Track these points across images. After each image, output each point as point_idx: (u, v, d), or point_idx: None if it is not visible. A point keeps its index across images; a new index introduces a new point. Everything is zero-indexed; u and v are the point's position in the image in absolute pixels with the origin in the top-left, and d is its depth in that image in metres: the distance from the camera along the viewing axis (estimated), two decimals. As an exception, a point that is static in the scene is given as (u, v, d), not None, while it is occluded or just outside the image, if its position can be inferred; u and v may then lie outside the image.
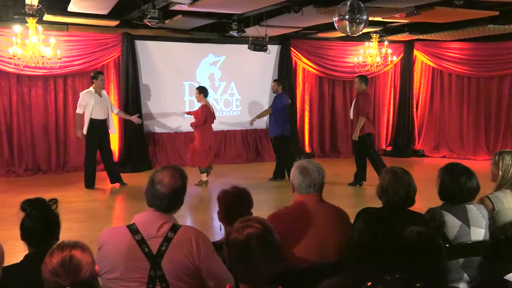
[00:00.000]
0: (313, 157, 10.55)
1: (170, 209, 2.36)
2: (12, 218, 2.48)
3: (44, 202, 2.39)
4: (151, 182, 2.35)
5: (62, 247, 1.71)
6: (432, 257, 2.08)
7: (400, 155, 11.31)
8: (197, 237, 2.28)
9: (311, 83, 11.14)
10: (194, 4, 6.70)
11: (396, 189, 2.87)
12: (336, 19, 5.87)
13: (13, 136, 8.92)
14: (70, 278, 1.64)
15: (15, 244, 2.41)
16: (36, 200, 2.39)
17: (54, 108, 9.11)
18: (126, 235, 2.24)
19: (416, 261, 2.07)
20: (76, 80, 9.24)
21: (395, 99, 11.82)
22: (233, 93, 10.60)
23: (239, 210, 2.67)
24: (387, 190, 2.89)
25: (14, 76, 8.71)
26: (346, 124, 11.44)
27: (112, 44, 9.31)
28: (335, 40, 10.82)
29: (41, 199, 2.41)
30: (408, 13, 7.31)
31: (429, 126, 11.70)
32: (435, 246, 2.12)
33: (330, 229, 2.53)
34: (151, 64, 9.77)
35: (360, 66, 10.58)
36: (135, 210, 2.48)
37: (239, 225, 1.86)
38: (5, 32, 8.28)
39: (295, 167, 2.75)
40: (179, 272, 2.22)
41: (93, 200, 7.41)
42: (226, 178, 8.75)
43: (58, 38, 8.45)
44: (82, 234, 5.12)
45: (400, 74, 11.75)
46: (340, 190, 7.70)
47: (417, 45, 11.41)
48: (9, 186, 8.07)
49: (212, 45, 10.24)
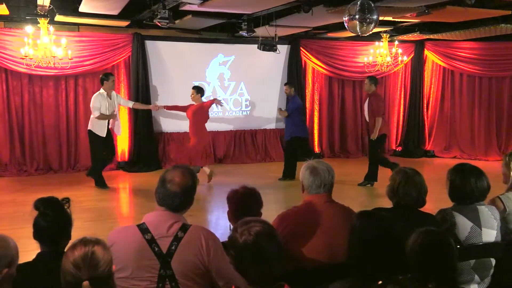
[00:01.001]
0: (322, 157, 10.52)
1: (180, 209, 2.37)
2: (24, 216, 2.51)
3: (57, 201, 2.42)
4: (162, 181, 2.36)
5: (85, 242, 1.76)
6: (443, 257, 2.07)
7: (410, 156, 11.24)
8: (207, 237, 2.29)
9: (321, 83, 11.12)
10: (204, 4, 6.72)
11: (408, 190, 2.85)
12: (346, 18, 5.85)
13: (24, 135, 9.01)
14: (89, 272, 1.69)
15: (27, 242, 2.43)
16: (49, 199, 2.41)
17: (65, 108, 9.18)
18: (136, 234, 2.26)
19: (427, 261, 2.05)
20: (87, 80, 9.31)
21: (405, 99, 11.76)
22: (243, 93, 10.60)
23: (249, 209, 2.68)
24: (398, 190, 2.87)
25: (26, 76, 8.79)
26: (356, 124, 11.42)
27: (123, 44, 9.36)
28: (345, 40, 10.78)
29: (54, 198, 2.43)
30: (419, 13, 7.27)
31: (439, 126, 11.61)
32: (446, 246, 2.11)
33: (339, 229, 2.52)
34: (161, 64, 9.81)
35: (370, 66, 10.54)
36: (145, 210, 2.50)
37: (242, 227, 1.86)
38: (17, 32, 8.37)
39: (305, 167, 2.75)
40: (188, 272, 2.23)
41: (103, 199, 7.45)
42: (235, 178, 8.76)
43: (69, 38, 8.52)
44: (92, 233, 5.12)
45: (410, 74, 11.68)
46: (350, 190, 7.68)
47: (428, 44, 11.33)
48: (21, 185, 8.14)
49: (221, 45, 10.26)
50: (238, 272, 1.87)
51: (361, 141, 11.52)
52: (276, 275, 1.84)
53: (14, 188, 7.91)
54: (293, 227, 2.61)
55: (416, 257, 2.07)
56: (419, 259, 2.06)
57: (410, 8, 7.06)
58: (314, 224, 2.60)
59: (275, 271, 1.83)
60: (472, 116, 11.28)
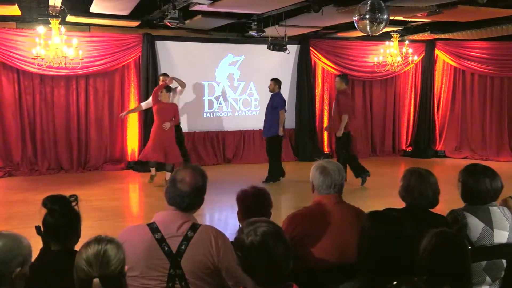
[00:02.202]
0: (331, 158, 10.49)
1: (190, 208, 2.38)
2: (35, 215, 2.53)
3: (64, 197, 2.44)
4: (173, 181, 2.37)
5: (99, 240, 1.79)
6: (456, 259, 2.05)
7: (420, 156, 11.17)
8: (217, 237, 2.30)
9: (330, 83, 11.08)
10: (214, 4, 6.73)
11: (423, 191, 2.82)
12: (357, 18, 5.82)
13: (36, 135, 9.09)
14: (100, 269, 1.72)
15: (38, 241, 2.45)
16: (56, 196, 2.44)
17: (76, 108, 9.25)
18: (147, 233, 2.27)
19: (440, 263, 2.04)
20: (98, 80, 9.37)
21: (416, 99, 11.69)
22: (252, 93, 10.60)
23: (259, 210, 2.67)
24: (413, 191, 2.85)
25: (37, 76, 8.87)
26: (365, 124, 11.38)
27: (133, 45, 9.41)
28: (354, 39, 10.74)
29: (61, 195, 2.46)
30: (430, 12, 7.21)
31: (450, 126, 11.52)
32: (460, 248, 2.08)
33: (349, 230, 2.52)
34: (170, 64, 9.84)
35: (380, 66, 10.49)
36: (155, 209, 2.51)
37: (249, 228, 1.85)
38: (29, 33, 8.45)
39: (315, 167, 2.74)
40: (198, 271, 2.24)
41: (114, 198, 7.50)
42: (244, 177, 8.76)
43: (80, 38, 8.58)
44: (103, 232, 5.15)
45: (421, 74, 11.61)
46: (360, 191, 7.64)
47: (439, 44, 11.25)
48: (32, 184, 8.22)
49: (231, 45, 10.27)
50: (246, 272, 1.87)
51: (370, 140, 11.48)
52: (284, 275, 1.84)
53: (26, 187, 7.98)
54: (303, 227, 2.61)
55: (429, 258, 2.05)
56: (432, 260, 2.04)
57: (421, 7, 7.01)
58: (324, 224, 2.59)
59: (283, 271, 1.83)
60: (484, 116, 11.18)
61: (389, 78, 11.41)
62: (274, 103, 8.39)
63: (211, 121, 10.24)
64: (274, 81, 8.53)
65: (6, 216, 6.51)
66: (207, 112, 10.27)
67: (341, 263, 2.50)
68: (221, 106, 10.35)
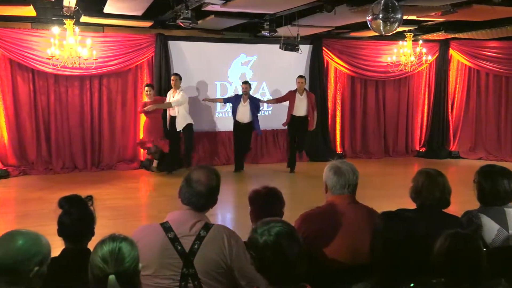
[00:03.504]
0: (344, 158, 10.45)
1: (204, 208, 2.39)
2: (50, 214, 2.56)
3: (81, 199, 2.47)
4: (187, 180, 2.38)
5: (114, 238, 1.82)
6: (472, 260, 2.02)
7: (434, 157, 11.07)
8: (229, 236, 2.30)
9: (343, 83, 11.04)
10: (226, 4, 6.75)
11: (431, 191, 2.81)
12: (370, 18, 5.79)
13: (51, 134, 9.19)
14: (115, 266, 1.74)
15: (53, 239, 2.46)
16: (73, 198, 2.46)
17: (89, 108, 9.32)
18: (160, 232, 2.28)
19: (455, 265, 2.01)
20: (111, 80, 9.44)
21: (430, 99, 11.59)
22: (265, 93, 10.60)
23: (271, 210, 2.67)
24: (422, 191, 2.84)
25: (52, 76, 8.96)
26: (379, 124, 11.31)
27: (146, 45, 9.46)
28: (367, 39, 10.68)
29: (77, 196, 2.48)
30: (444, 12, 7.15)
31: (465, 127, 11.40)
32: (475, 249, 2.06)
33: (362, 231, 2.50)
34: (183, 64, 9.88)
35: (393, 66, 10.42)
36: (168, 208, 2.53)
37: (262, 228, 1.85)
38: (43, 33, 8.54)
39: (328, 167, 2.73)
40: (211, 271, 2.24)
41: (127, 198, 7.55)
42: (256, 177, 8.77)
43: (94, 39, 8.65)
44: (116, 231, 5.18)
45: (435, 74, 11.51)
46: (373, 191, 7.59)
47: (453, 44, 11.14)
48: (47, 183, 8.31)
49: (243, 45, 10.28)
50: (259, 272, 1.87)
51: (383, 141, 11.42)
52: (297, 275, 1.83)
53: (41, 186, 8.07)
54: (316, 227, 2.60)
55: (444, 260, 2.03)
56: (447, 262, 2.02)
57: (435, 7, 6.95)
58: (337, 225, 2.58)
59: (296, 271, 1.82)
60: (499, 117, 11.05)
61: (403, 78, 11.33)
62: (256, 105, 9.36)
63: (223, 121, 10.24)
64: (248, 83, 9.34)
65: (22, 214, 6.60)
66: (219, 112, 10.29)
67: (354, 263, 2.49)
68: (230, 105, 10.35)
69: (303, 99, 9.17)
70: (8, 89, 8.78)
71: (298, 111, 9.16)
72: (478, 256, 2.05)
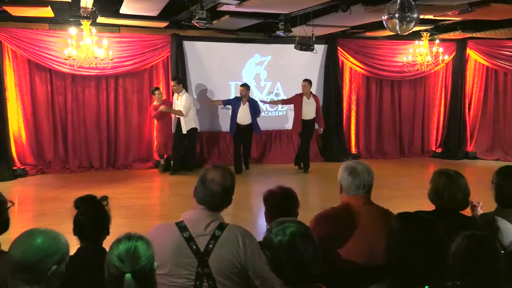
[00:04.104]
0: (359, 158, 10.38)
1: (219, 208, 2.40)
2: (66, 213, 2.59)
3: (96, 200, 2.49)
4: (202, 180, 2.39)
5: (129, 237, 1.83)
6: (489, 263, 1.99)
7: (451, 157, 10.95)
8: (244, 236, 2.31)
9: (358, 83, 10.98)
10: (241, 4, 6.75)
11: (453, 192, 2.77)
12: (386, 17, 5.73)
13: (67, 134, 9.30)
14: (131, 265, 1.76)
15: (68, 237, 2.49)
16: (89, 199, 2.48)
17: (105, 108, 9.42)
18: (175, 232, 2.30)
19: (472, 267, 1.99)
20: (127, 80, 9.52)
21: (446, 100, 11.46)
22: (279, 93, 10.59)
23: (286, 210, 2.67)
24: (442, 193, 2.80)
25: (69, 76, 9.07)
26: (394, 124, 11.23)
27: (162, 45, 9.52)
28: (383, 39, 10.60)
29: (93, 197, 2.50)
30: (461, 11, 7.05)
31: (482, 127, 11.25)
32: (492, 252, 2.03)
33: (377, 232, 2.48)
34: (198, 64, 9.92)
35: (409, 66, 10.32)
36: (183, 208, 2.54)
37: (277, 228, 1.85)
38: (61, 34, 8.64)
39: (343, 167, 2.72)
40: (225, 270, 2.25)
41: (142, 197, 7.61)
42: (271, 178, 8.76)
43: (110, 39, 8.72)
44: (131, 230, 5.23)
45: (451, 74, 11.37)
46: (388, 192, 7.53)
47: (470, 43, 11.00)
48: (63, 182, 8.41)
49: (258, 45, 10.28)
50: (273, 272, 1.87)
51: (399, 141, 11.33)
52: (312, 276, 1.83)
53: (57, 185, 8.18)
54: (331, 228, 2.59)
55: (461, 261, 2.01)
56: (464, 264, 2.00)
57: (452, 6, 6.86)
58: (352, 225, 2.57)
59: (311, 272, 1.82)
60: (517, 117, 10.90)
61: (419, 78, 11.22)
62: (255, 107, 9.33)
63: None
64: (246, 86, 9.24)
65: (39, 213, 6.69)
66: (233, 112, 10.29)
67: (369, 264, 2.47)
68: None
69: (311, 102, 9.13)
70: (26, 89, 8.91)
71: (306, 115, 9.13)
72: (496, 258, 2.01)
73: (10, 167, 8.65)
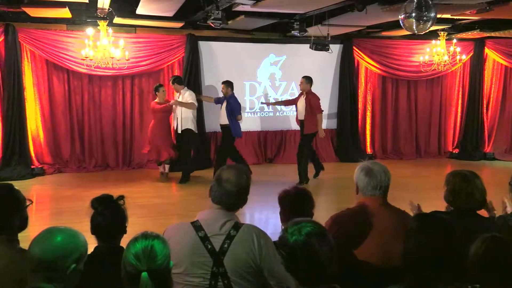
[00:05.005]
0: (374, 158, 10.31)
1: (234, 207, 2.40)
2: (83, 211, 2.62)
3: (113, 199, 2.51)
4: (218, 180, 2.39)
5: (146, 236, 1.84)
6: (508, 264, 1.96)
7: (468, 158, 10.81)
8: (259, 236, 2.31)
9: (374, 82, 10.90)
10: (256, 4, 6.75)
11: (471, 192, 2.74)
12: (402, 16, 5.68)
13: (84, 133, 9.40)
14: (147, 264, 1.77)
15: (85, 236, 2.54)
16: (105, 198, 2.51)
17: (121, 107, 9.50)
18: (190, 231, 2.30)
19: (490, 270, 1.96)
20: (143, 80, 9.59)
21: (464, 100, 11.32)
22: (294, 93, 10.54)
23: (301, 210, 2.66)
24: (460, 194, 2.76)
25: (86, 76, 9.17)
26: (410, 124, 11.12)
27: (177, 45, 9.57)
28: (399, 38, 10.51)
29: (109, 196, 2.52)
30: (479, 10, 6.96)
31: (500, 127, 11.10)
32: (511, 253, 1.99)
33: (394, 233, 2.46)
34: (213, 64, 9.95)
35: (426, 65, 10.22)
36: (198, 207, 2.55)
37: (293, 227, 1.85)
38: (78, 34, 8.74)
39: (359, 168, 2.70)
40: (240, 270, 2.25)
41: (157, 196, 7.65)
42: (286, 178, 8.74)
43: (127, 40, 8.80)
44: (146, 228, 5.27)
45: (469, 73, 11.23)
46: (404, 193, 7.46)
47: (489, 43, 10.85)
48: (80, 181, 8.51)
49: (273, 45, 10.27)
50: (289, 271, 1.87)
51: (415, 141, 11.22)
52: (328, 276, 1.82)
53: (74, 184, 8.27)
54: (347, 229, 2.57)
55: (479, 264, 1.98)
56: (483, 266, 1.97)
57: (470, 5, 6.78)
58: (369, 227, 2.55)
59: (327, 272, 1.81)
60: (536, 117, 10.72)
61: (435, 78, 11.11)
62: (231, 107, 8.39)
63: (252, 121, 10.27)
64: (226, 83, 8.57)
65: (56, 211, 6.77)
66: (248, 112, 10.31)
67: (386, 266, 2.45)
68: (263, 106, 10.37)
69: (303, 101, 8.35)
70: (44, 89, 9.03)
71: (301, 115, 8.40)
72: None
73: (28, 166, 8.78)
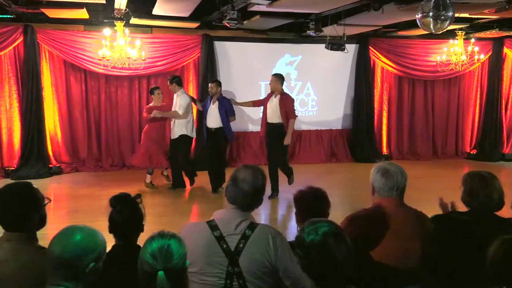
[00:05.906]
0: (390, 159, 10.23)
1: (250, 208, 2.40)
2: (100, 210, 2.64)
3: (131, 198, 2.53)
4: (234, 180, 2.40)
5: (162, 235, 1.85)
6: None
7: (486, 159, 10.67)
8: (274, 236, 2.30)
9: (390, 82, 10.82)
10: (272, 4, 6.75)
11: (489, 193, 2.71)
12: (419, 16, 5.62)
13: (101, 133, 9.51)
14: (164, 263, 1.78)
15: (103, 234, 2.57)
16: (123, 197, 2.53)
17: (138, 107, 9.57)
18: (206, 230, 2.31)
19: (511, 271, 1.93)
20: (159, 80, 9.64)
21: (482, 100, 11.18)
22: (309, 93, 10.54)
23: (317, 210, 2.65)
24: (478, 194, 2.73)
25: (102, 76, 9.27)
26: (427, 125, 11.02)
27: (193, 45, 9.61)
28: (416, 38, 10.41)
29: (128, 196, 2.55)
30: (498, 9, 6.86)
31: (519, 128, 10.93)
32: None
33: (411, 234, 2.44)
34: (228, 64, 9.97)
35: (443, 65, 10.10)
36: (212, 206, 2.56)
37: (309, 227, 1.84)
38: (95, 35, 8.84)
39: (376, 169, 2.68)
40: (256, 270, 2.25)
41: (172, 195, 7.69)
42: (301, 178, 8.71)
43: (143, 40, 8.86)
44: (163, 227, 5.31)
45: (487, 73, 11.09)
46: (419, 194, 7.40)
47: (508, 42, 10.70)
48: (97, 180, 8.61)
49: (288, 45, 10.26)
50: (305, 272, 1.86)
51: (432, 142, 11.11)
52: (345, 277, 1.81)
53: (91, 183, 8.37)
54: (363, 230, 2.56)
55: (498, 266, 1.95)
56: (503, 268, 1.94)
57: (489, 4, 6.68)
58: (385, 228, 2.53)
59: (343, 272, 1.80)
60: (557, 118, 10.54)
61: (453, 78, 10.98)
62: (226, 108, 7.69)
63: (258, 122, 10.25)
64: (218, 83, 7.86)
65: (73, 209, 6.86)
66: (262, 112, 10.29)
67: (403, 267, 2.43)
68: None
69: (275, 103, 7.30)
70: (62, 89, 9.16)
71: (269, 117, 7.39)
72: None
73: (46, 165, 8.91)
